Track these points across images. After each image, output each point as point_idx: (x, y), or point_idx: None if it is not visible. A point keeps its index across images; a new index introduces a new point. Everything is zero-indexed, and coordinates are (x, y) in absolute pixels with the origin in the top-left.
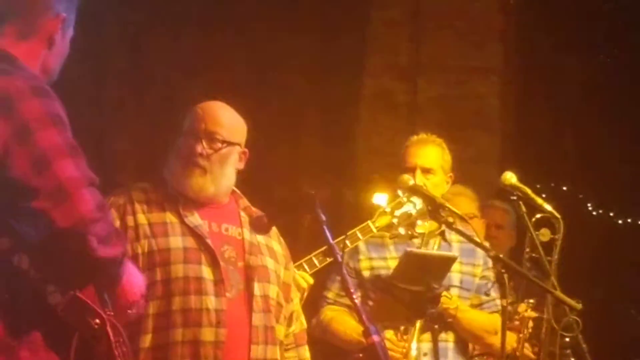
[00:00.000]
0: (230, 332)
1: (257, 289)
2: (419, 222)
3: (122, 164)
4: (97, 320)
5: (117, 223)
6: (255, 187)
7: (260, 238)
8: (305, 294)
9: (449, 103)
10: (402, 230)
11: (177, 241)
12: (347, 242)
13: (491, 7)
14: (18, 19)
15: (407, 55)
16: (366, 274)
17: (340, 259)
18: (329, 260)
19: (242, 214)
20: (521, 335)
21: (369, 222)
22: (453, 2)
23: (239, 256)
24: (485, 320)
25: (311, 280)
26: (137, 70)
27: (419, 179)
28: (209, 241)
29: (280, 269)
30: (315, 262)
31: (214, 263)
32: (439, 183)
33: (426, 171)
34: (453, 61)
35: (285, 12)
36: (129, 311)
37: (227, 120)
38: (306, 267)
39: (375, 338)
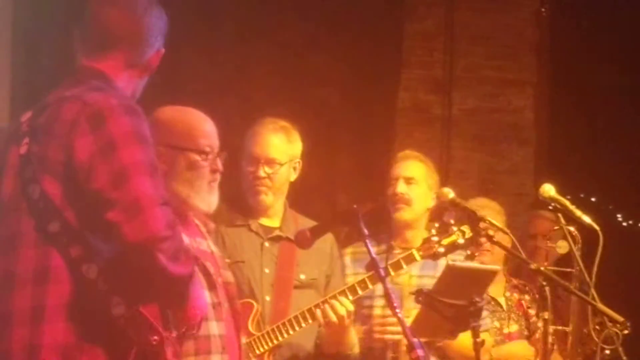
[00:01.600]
0: (231, 357)
1: (239, 306)
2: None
3: None
4: (156, 337)
5: None
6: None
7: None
8: (347, 321)
9: (483, 115)
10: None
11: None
12: (390, 270)
13: (525, 19)
14: (128, 49)
15: (442, 68)
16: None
17: (383, 274)
18: (370, 287)
19: (197, 222)
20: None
21: (414, 250)
22: (487, 15)
23: (216, 272)
24: (519, 350)
25: (351, 307)
26: (171, 85)
27: (401, 188)
28: (207, 263)
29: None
30: (358, 289)
31: (211, 285)
32: (422, 194)
33: (408, 180)
34: (487, 73)
35: (321, 26)
36: (189, 332)
37: None
38: (348, 294)
39: (420, 352)
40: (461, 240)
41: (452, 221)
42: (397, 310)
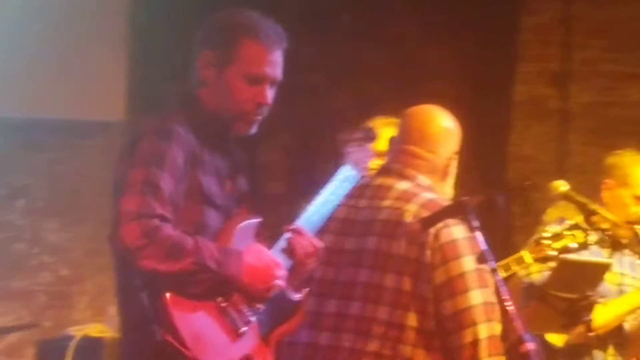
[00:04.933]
0: None
1: None
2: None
3: (273, 174)
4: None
5: None
6: None
7: None
8: None
9: (601, 109)
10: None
11: None
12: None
13: None
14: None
15: (559, 61)
16: None
17: (494, 266)
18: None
19: None
20: None
21: (523, 252)
22: (604, 7)
23: None
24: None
25: None
26: (285, 79)
27: None
28: None
29: None
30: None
31: None
32: None
33: None
34: (605, 67)
35: (435, 20)
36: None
37: None
38: None
39: (530, 346)
40: (573, 245)
41: (566, 224)
42: (507, 304)
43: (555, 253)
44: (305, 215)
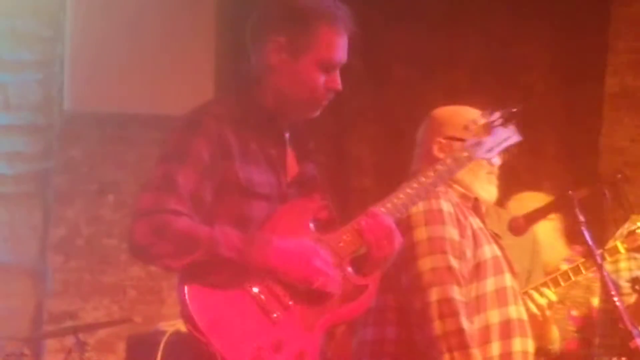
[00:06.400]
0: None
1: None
2: None
3: (361, 168)
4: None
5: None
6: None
7: None
8: (549, 313)
9: None
10: None
11: (491, 250)
12: (582, 268)
13: None
14: (249, 47)
15: None
16: None
17: (600, 261)
18: (573, 279)
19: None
20: None
21: (618, 242)
22: None
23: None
24: None
25: (553, 297)
26: (375, 70)
27: None
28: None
29: None
30: (560, 280)
31: (511, 268)
32: None
33: None
34: None
35: (526, 13)
36: (313, 285)
37: None
38: (550, 284)
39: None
40: None
41: None
42: (615, 299)
43: None
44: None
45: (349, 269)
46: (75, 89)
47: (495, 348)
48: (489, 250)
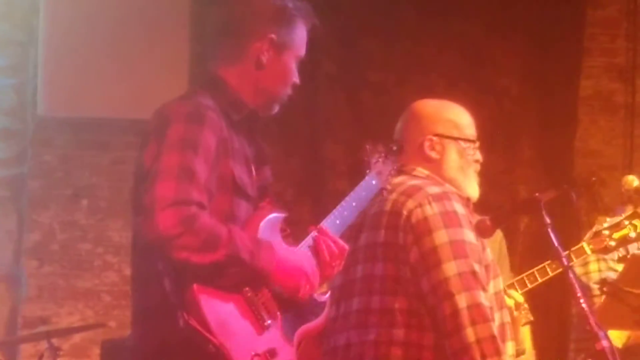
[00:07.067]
0: None
1: None
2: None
3: (335, 170)
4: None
5: None
6: None
7: None
8: (516, 314)
9: None
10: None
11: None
12: (549, 269)
13: None
14: (229, 43)
15: (625, 55)
16: None
17: (566, 263)
18: (540, 280)
19: None
20: None
21: (584, 243)
22: None
23: None
24: None
25: (520, 299)
26: (349, 75)
27: None
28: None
29: None
30: (527, 282)
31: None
32: None
33: None
34: None
35: (500, 15)
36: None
37: None
38: (517, 286)
39: (605, 343)
40: (633, 234)
41: (623, 215)
42: (581, 301)
43: (614, 243)
44: (329, 218)
45: None
46: (49, 93)
47: None
48: (490, 253)
